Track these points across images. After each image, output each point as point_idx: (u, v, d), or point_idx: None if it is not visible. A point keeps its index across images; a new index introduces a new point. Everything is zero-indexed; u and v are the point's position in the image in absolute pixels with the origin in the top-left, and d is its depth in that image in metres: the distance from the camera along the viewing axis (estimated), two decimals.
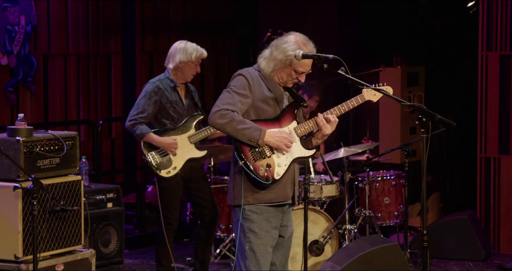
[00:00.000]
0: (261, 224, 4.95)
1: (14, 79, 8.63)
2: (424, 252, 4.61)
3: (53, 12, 8.94)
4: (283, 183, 4.98)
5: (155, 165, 6.73)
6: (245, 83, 4.95)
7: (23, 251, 5.53)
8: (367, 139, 8.39)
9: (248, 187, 4.93)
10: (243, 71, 5.03)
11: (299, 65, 4.95)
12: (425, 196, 4.71)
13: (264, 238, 4.95)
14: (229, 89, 4.96)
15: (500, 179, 8.45)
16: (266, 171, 4.90)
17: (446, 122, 4.59)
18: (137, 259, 8.13)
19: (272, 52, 4.98)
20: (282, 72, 4.99)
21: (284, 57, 4.94)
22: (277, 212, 5.03)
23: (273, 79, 5.02)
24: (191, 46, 6.77)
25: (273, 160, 4.94)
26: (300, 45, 4.95)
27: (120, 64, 9.68)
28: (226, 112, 4.83)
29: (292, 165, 5.03)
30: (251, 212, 4.96)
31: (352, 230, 7.58)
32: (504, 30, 8.37)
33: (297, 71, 4.98)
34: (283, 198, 5.02)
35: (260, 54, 5.07)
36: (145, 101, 6.75)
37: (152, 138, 6.72)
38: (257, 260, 4.94)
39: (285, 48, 4.94)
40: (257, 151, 4.91)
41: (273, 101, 5.00)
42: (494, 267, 7.81)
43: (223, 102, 4.89)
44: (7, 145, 5.59)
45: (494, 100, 8.45)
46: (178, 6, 10.22)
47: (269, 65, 4.99)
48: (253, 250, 4.95)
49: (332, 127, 5.00)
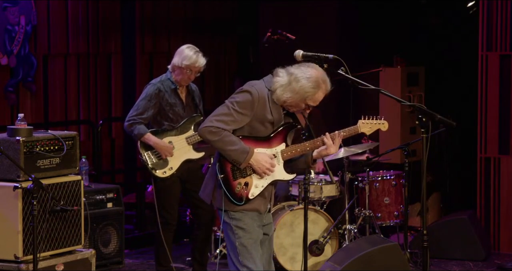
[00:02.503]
0: (248, 222, 5.00)
1: (14, 79, 8.63)
2: (424, 252, 4.61)
3: (53, 12, 8.94)
4: (258, 200, 5.02)
5: (151, 165, 6.73)
6: (249, 102, 4.91)
7: (23, 251, 5.53)
8: (367, 138, 8.38)
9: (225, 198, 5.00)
10: (252, 89, 4.94)
11: (312, 100, 4.94)
12: (425, 196, 4.71)
13: (252, 233, 5.00)
14: (230, 105, 4.91)
15: (500, 179, 8.45)
16: (242, 188, 4.95)
17: (446, 122, 4.59)
18: (137, 259, 8.13)
19: (291, 83, 4.90)
20: (293, 102, 4.96)
21: (303, 92, 4.89)
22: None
23: (279, 103, 4.99)
24: (188, 53, 6.72)
25: (252, 180, 4.99)
26: (320, 83, 4.90)
27: (120, 64, 9.68)
28: (216, 131, 4.85)
29: (270, 186, 5.07)
30: (235, 212, 5.00)
31: (352, 230, 7.58)
32: (504, 30, 8.37)
33: (308, 105, 4.98)
34: (257, 210, 5.05)
35: (276, 78, 4.95)
36: (145, 103, 6.75)
37: (149, 138, 6.72)
38: (250, 253, 4.98)
39: (304, 85, 4.88)
40: (238, 169, 4.95)
41: (270, 124, 5.00)
42: (494, 267, 7.81)
43: (218, 118, 4.89)
44: (7, 145, 5.59)
45: (494, 100, 8.44)
46: (178, 6, 10.22)
47: (285, 94, 4.92)
48: (244, 244, 4.98)
49: (336, 148, 5.05)
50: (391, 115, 9.32)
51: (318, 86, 4.90)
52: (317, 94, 4.93)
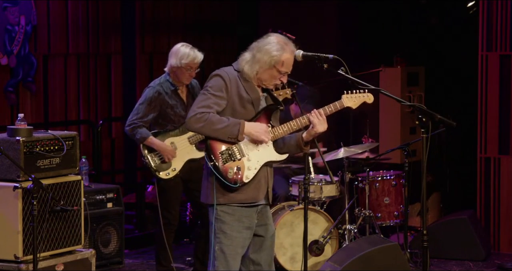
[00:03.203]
0: (233, 225, 4.95)
1: (14, 79, 8.63)
2: (424, 252, 4.61)
3: (53, 12, 8.94)
4: (254, 185, 4.97)
5: (154, 167, 6.73)
6: (222, 84, 4.95)
7: (23, 251, 5.53)
8: (367, 137, 8.39)
9: (219, 187, 4.94)
10: (221, 72, 5.01)
11: (282, 65, 4.94)
12: (425, 196, 4.71)
13: (234, 239, 4.96)
14: (205, 91, 4.95)
15: (500, 179, 8.45)
16: (235, 173, 4.89)
17: (446, 122, 4.60)
18: (137, 259, 8.13)
19: (255, 55, 4.96)
20: (265, 74, 4.97)
21: (269, 58, 4.92)
22: (249, 212, 5.02)
23: (252, 82, 5.00)
24: (184, 51, 6.70)
25: (243, 163, 4.93)
26: (283, 45, 4.95)
27: (120, 64, 9.68)
28: (201, 116, 4.83)
29: (265, 168, 5.02)
30: (223, 212, 4.96)
31: (352, 230, 7.58)
32: (504, 30, 8.37)
33: (280, 72, 4.96)
34: (253, 199, 5.00)
35: (241, 58, 5.04)
36: (145, 107, 6.74)
37: (152, 142, 6.71)
38: (227, 262, 4.95)
39: (269, 49, 4.93)
40: (227, 153, 4.90)
41: (249, 104, 4.99)
42: (494, 267, 7.81)
43: (198, 105, 4.90)
44: (7, 145, 5.59)
45: (494, 100, 8.45)
46: (178, 6, 10.22)
47: (253, 68, 4.96)
48: (223, 251, 4.95)
49: (324, 126, 4.99)
50: (391, 115, 9.34)
51: (282, 48, 4.92)
52: (283, 56, 4.93)
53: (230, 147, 4.91)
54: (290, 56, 4.96)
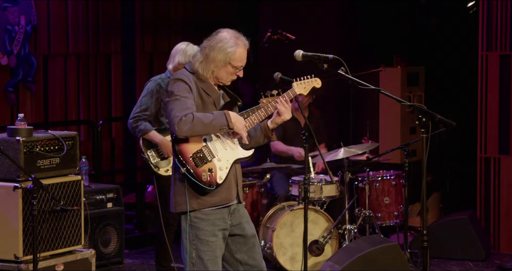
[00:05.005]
0: (208, 230, 4.88)
1: (14, 79, 8.63)
2: (424, 252, 4.61)
3: (53, 12, 8.94)
4: (226, 185, 4.90)
5: (154, 163, 6.73)
6: (186, 87, 4.85)
7: (23, 251, 5.54)
8: (367, 138, 8.39)
9: (192, 192, 4.85)
10: (180, 76, 4.91)
11: (236, 60, 4.88)
12: (425, 196, 4.71)
13: (211, 244, 4.89)
14: (175, 97, 4.82)
15: (500, 179, 8.45)
16: (208, 176, 4.81)
17: (446, 122, 4.59)
18: (137, 259, 8.13)
19: (208, 55, 4.90)
20: (221, 72, 4.91)
21: (223, 55, 4.86)
22: (222, 214, 4.94)
23: (209, 81, 4.94)
24: (192, 49, 6.71)
25: (214, 164, 4.85)
26: (235, 40, 4.90)
27: (120, 64, 9.68)
28: (186, 118, 4.72)
29: (234, 166, 4.96)
30: (196, 218, 4.88)
31: (352, 230, 7.58)
32: (504, 30, 8.37)
33: (236, 67, 4.91)
34: (228, 200, 4.94)
35: (193, 59, 4.97)
36: (148, 99, 6.76)
37: (155, 135, 6.72)
38: (205, 267, 4.89)
39: (222, 47, 4.89)
40: (197, 156, 4.82)
41: (212, 104, 4.92)
42: (494, 267, 7.81)
43: (178, 110, 4.76)
44: (7, 145, 5.60)
45: (494, 100, 8.45)
46: (178, 6, 10.22)
47: (208, 67, 4.90)
48: (200, 257, 4.89)
49: (290, 114, 4.96)
50: (391, 115, 9.34)
51: (236, 43, 4.89)
52: (238, 51, 4.88)
53: (199, 150, 4.84)
54: (243, 50, 4.91)
